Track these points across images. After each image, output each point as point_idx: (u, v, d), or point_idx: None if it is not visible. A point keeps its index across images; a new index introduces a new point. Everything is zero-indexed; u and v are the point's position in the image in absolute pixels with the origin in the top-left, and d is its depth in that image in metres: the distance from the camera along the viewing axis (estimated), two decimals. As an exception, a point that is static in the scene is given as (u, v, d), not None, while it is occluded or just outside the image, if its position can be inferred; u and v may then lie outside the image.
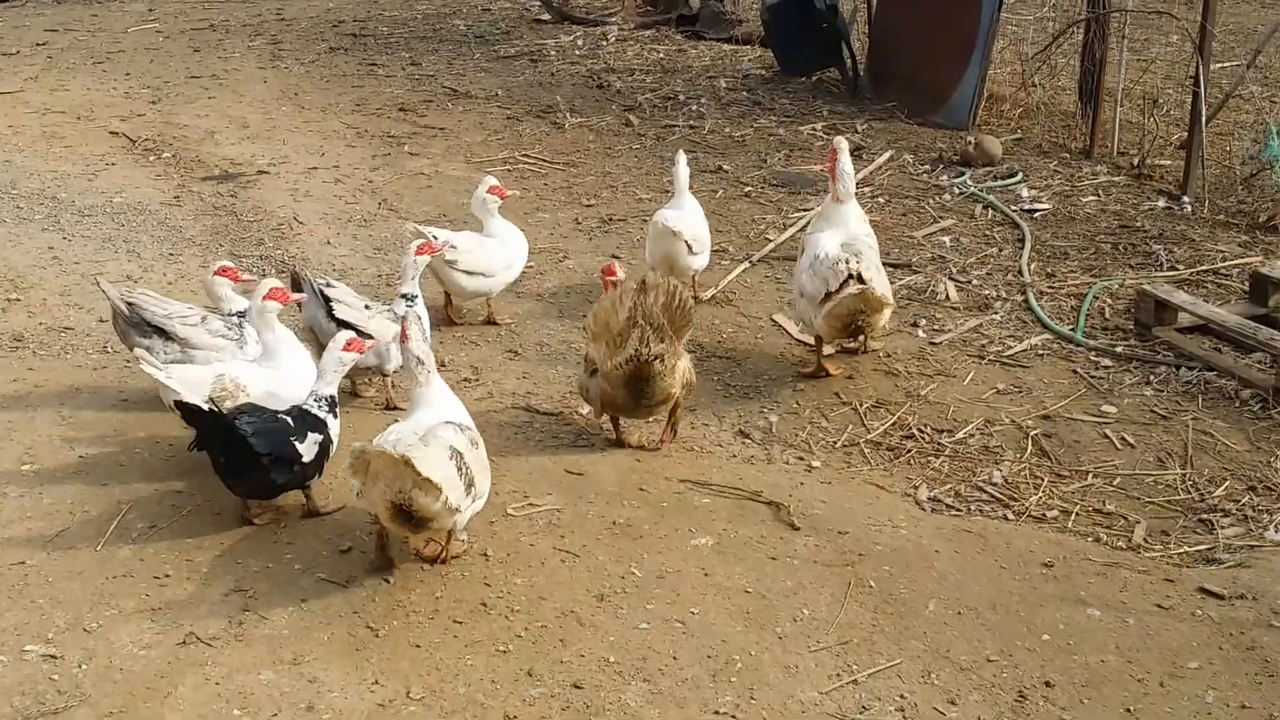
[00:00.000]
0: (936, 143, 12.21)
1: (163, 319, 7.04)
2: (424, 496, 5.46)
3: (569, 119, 13.15)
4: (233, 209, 10.94)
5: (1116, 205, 10.45)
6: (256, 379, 6.53)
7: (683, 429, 7.34)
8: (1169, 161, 11.28)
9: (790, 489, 6.61)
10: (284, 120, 13.41)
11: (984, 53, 12.35)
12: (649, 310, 6.56)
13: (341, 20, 18.25)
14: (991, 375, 7.81)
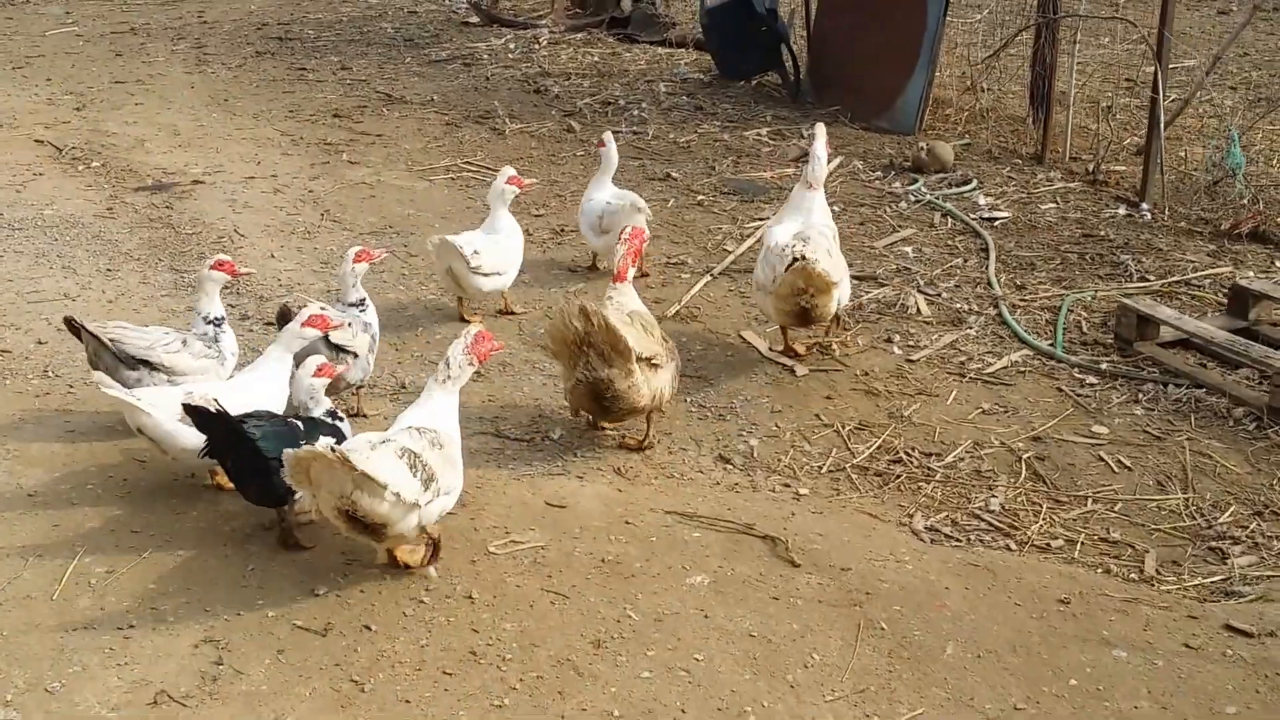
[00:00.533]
0: (885, 148, 11.90)
1: (145, 351, 6.63)
2: (368, 498, 5.24)
3: (509, 125, 12.70)
4: (169, 221, 10.37)
5: (1076, 213, 10.19)
6: (224, 394, 6.04)
7: (660, 454, 6.96)
8: (1124, 167, 11.06)
9: (782, 520, 6.24)
10: (216, 127, 12.82)
11: (930, 57, 12.06)
12: (595, 336, 6.45)
13: (265, 23, 17.62)
14: (975, 394, 7.49)
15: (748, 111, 13.15)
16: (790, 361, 7.86)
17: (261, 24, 17.57)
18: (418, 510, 5.42)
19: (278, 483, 5.57)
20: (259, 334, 8.38)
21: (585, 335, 6.44)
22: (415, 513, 5.42)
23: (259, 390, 6.27)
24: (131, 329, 6.79)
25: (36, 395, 7.48)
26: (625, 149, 11.96)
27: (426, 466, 5.44)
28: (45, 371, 7.79)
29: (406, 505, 5.34)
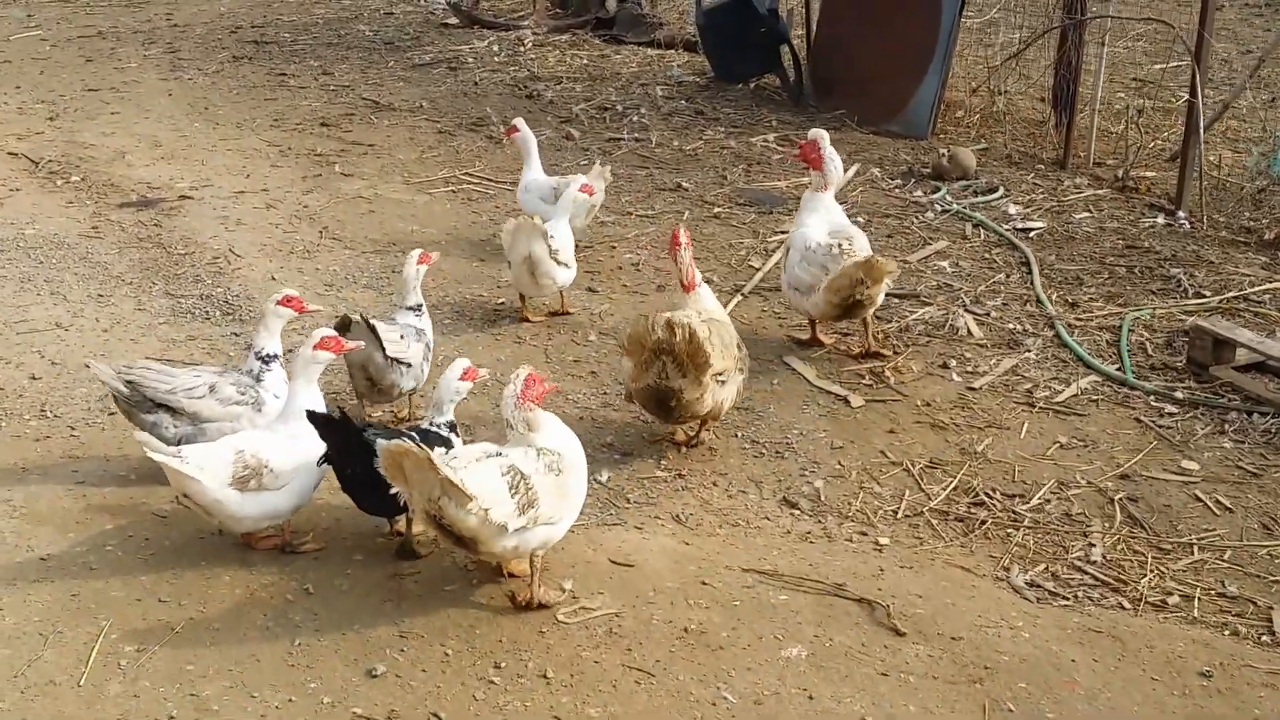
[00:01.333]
0: (900, 154, 11.31)
1: (167, 395, 6.00)
2: (454, 507, 4.92)
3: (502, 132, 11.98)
4: (159, 240, 9.63)
5: (1114, 222, 9.63)
6: (279, 450, 5.53)
7: (719, 498, 6.34)
8: (1153, 173, 10.51)
9: (872, 578, 5.62)
10: (199, 138, 12.04)
11: (945, 58, 11.48)
12: (676, 347, 6.23)
13: (238, 26, 16.79)
14: (1048, 426, 6.90)
15: (751, 116, 12.51)
16: (843, 390, 7.26)
17: (234, 27, 16.73)
18: (508, 533, 5.03)
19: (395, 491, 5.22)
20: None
21: (667, 345, 6.24)
22: (507, 535, 5.04)
23: (305, 443, 5.59)
24: (155, 369, 6.15)
25: (36, 439, 6.77)
26: (630, 158, 11.37)
27: (530, 490, 5.07)
28: (43, 411, 7.08)
29: (495, 525, 4.98)
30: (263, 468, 5.44)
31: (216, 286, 8.81)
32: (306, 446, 5.55)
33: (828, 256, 7.23)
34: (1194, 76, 9.53)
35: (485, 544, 5.08)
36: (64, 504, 6.13)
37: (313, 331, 5.89)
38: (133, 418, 6.06)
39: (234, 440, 5.56)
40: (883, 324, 8.05)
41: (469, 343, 7.96)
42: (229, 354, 7.84)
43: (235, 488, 5.37)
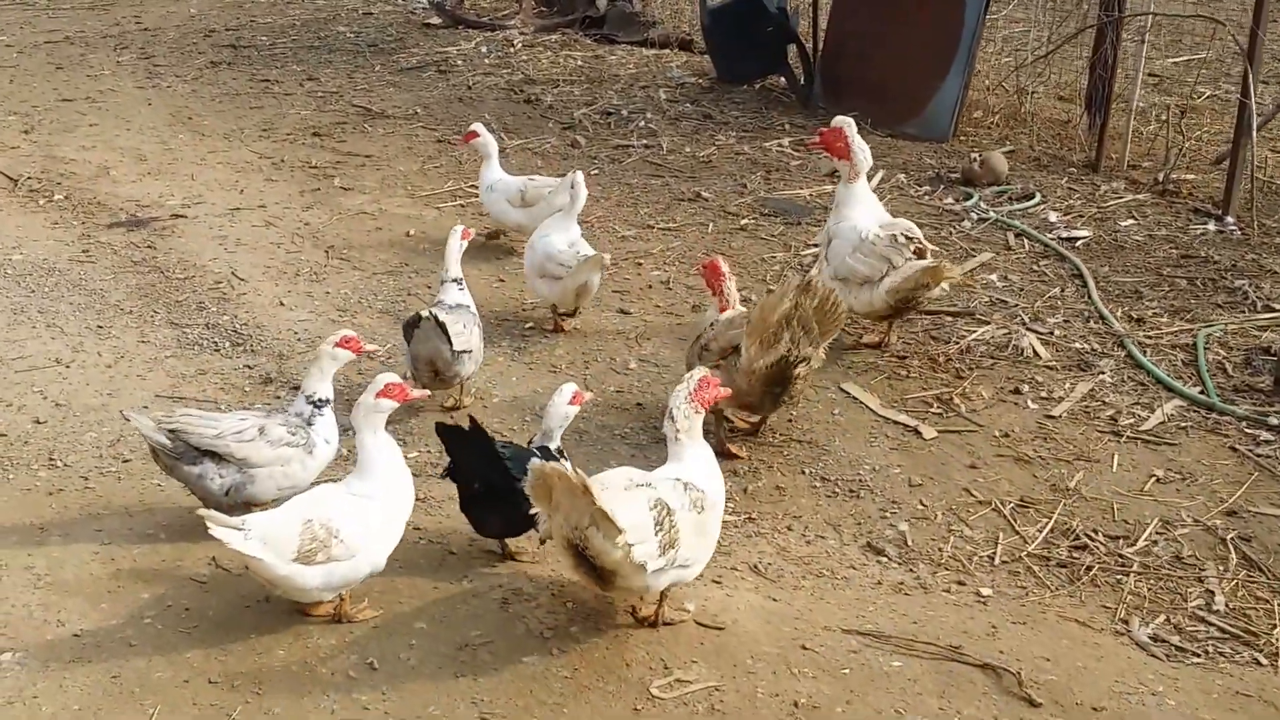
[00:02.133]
0: (923, 158, 10.88)
1: (214, 441, 5.56)
2: (600, 538, 4.65)
3: (507, 141, 11.48)
4: (155, 263, 9.06)
5: (1162, 230, 9.23)
6: (350, 517, 5.04)
7: (797, 544, 5.89)
8: (1193, 176, 10.12)
9: (984, 636, 5.18)
10: (185, 151, 11.45)
11: (968, 58, 11.05)
12: (805, 312, 6.17)
13: (212, 29, 16.15)
14: (1140, 458, 6.48)
15: (762, 120, 12.05)
16: (911, 420, 6.82)
17: (208, 30, 16.10)
18: (650, 575, 4.80)
19: (524, 511, 5.21)
20: (286, 401, 7.14)
21: (802, 310, 6.19)
22: (645, 575, 4.79)
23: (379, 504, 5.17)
24: (197, 415, 5.71)
25: (49, 493, 6.23)
26: (641, 166, 10.89)
27: (673, 529, 4.80)
28: (51, 459, 6.54)
29: (637, 565, 4.72)
30: (332, 539, 4.95)
31: (222, 314, 8.27)
32: (382, 508, 5.14)
33: (890, 248, 7.04)
34: (1246, 75, 9.14)
35: (623, 580, 4.81)
36: (91, 570, 5.60)
37: (375, 377, 5.39)
38: (175, 471, 5.64)
39: (302, 507, 5.06)
40: (941, 345, 7.62)
41: (502, 372, 7.48)
42: (244, 389, 7.33)
43: (302, 562, 4.90)
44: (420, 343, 6.74)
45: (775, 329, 6.21)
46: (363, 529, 5.04)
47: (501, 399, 7.20)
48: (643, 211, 9.88)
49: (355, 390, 6.43)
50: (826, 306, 6.25)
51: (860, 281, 7.16)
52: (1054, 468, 6.41)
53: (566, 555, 4.86)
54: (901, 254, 7.00)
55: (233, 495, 5.58)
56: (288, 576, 4.92)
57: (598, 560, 4.72)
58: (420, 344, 6.74)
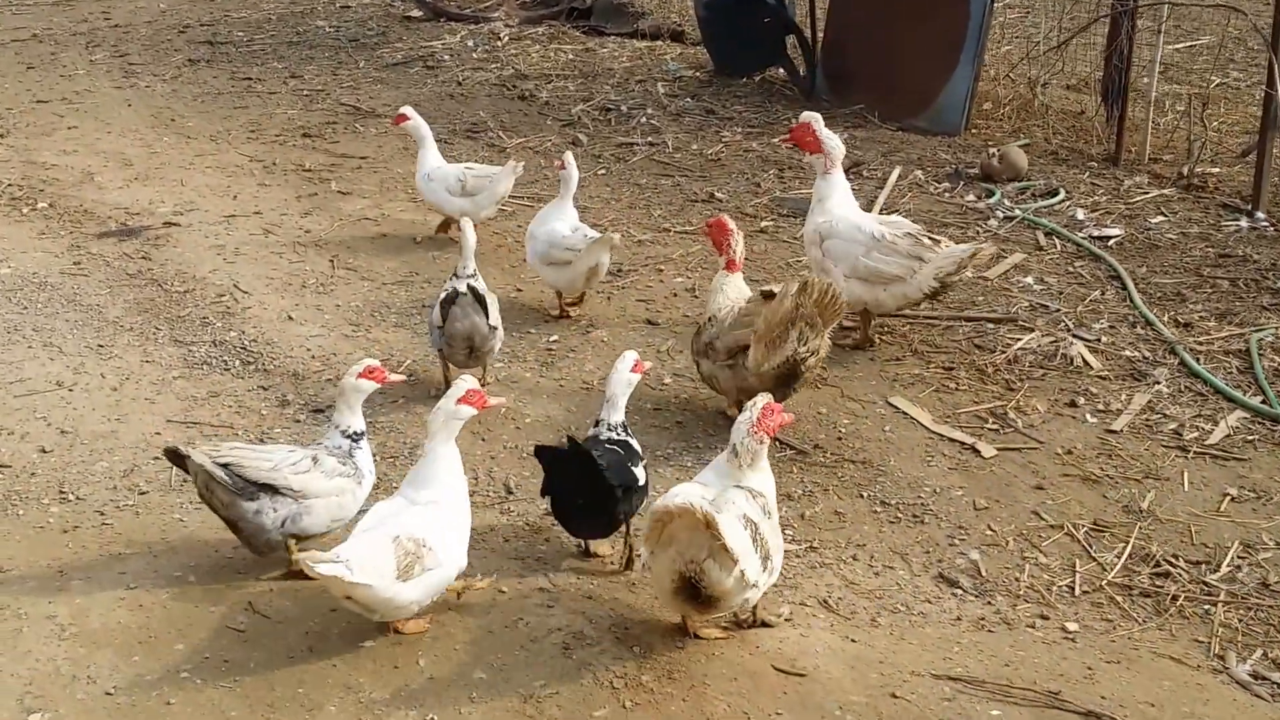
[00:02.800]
0: (937, 153, 10.57)
1: (270, 474, 5.31)
2: (717, 569, 4.61)
3: (506, 140, 11.11)
4: (152, 275, 8.65)
5: (1194, 228, 8.95)
6: (429, 525, 4.95)
7: (864, 574, 5.57)
8: (1218, 170, 9.86)
9: (1082, 680, 4.88)
10: (171, 154, 11.03)
11: (977, 49, 10.75)
12: (806, 309, 6.26)
13: (186, 25, 15.69)
14: (1210, 475, 6.20)
15: (766, 115, 11.71)
16: (967, 437, 6.52)
17: (181, 26, 15.64)
18: (752, 591, 4.79)
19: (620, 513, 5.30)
20: (308, 425, 6.79)
21: (804, 307, 6.26)
22: (747, 591, 4.76)
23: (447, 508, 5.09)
24: (248, 449, 5.45)
25: (64, 530, 5.85)
26: (649, 165, 10.56)
27: (764, 542, 4.77)
28: (62, 492, 6.16)
29: (746, 586, 4.71)
30: (422, 549, 4.84)
31: (228, 330, 7.88)
32: (451, 511, 5.07)
33: (916, 246, 6.99)
34: (1271, 67, 8.88)
35: (725, 602, 4.76)
36: (119, 618, 5.22)
37: (456, 382, 5.22)
38: (231, 507, 5.32)
39: (383, 527, 4.90)
40: (986, 354, 7.33)
41: (531, 390, 7.13)
42: (260, 412, 6.95)
43: (402, 579, 4.76)
44: (458, 319, 6.73)
45: (780, 330, 6.26)
46: (442, 533, 4.94)
47: (534, 418, 6.84)
48: (656, 214, 9.54)
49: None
50: (826, 300, 6.32)
51: (889, 280, 7.07)
52: (1123, 487, 6.12)
53: (672, 585, 4.73)
54: (930, 249, 6.98)
55: (286, 527, 5.33)
56: (391, 598, 4.78)
57: (710, 590, 4.66)
58: (459, 320, 6.73)
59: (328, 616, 5.22)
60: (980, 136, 10.92)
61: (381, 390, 5.83)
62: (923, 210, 9.41)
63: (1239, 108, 11.25)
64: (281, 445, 5.70)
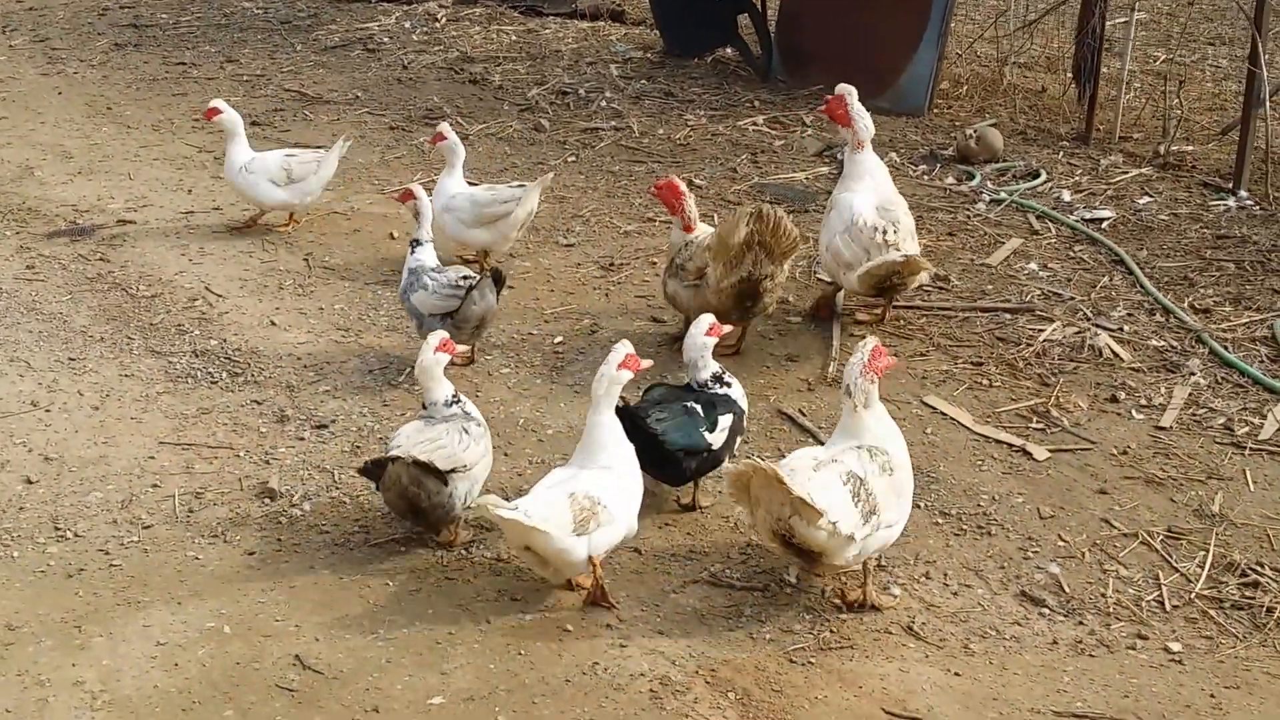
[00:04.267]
0: (906, 134, 10.12)
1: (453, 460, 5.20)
2: (804, 524, 4.66)
3: (466, 126, 10.42)
4: (114, 279, 7.90)
5: (1184, 209, 8.60)
6: (604, 486, 4.97)
7: (939, 593, 5.11)
8: (1193, 148, 9.52)
9: (1210, 711, 4.46)
10: (113, 145, 10.19)
11: (941, 28, 10.30)
12: (763, 236, 6.45)
13: (105, 7, 14.69)
14: (1271, 473, 5.81)
15: (727, 96, 11.15)
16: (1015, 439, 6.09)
17: (101, 8, 14.63)
18: (855, 543, 4.75)
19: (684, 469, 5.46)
20: (311, 442, 6.15)
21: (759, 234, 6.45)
22: (854, 545, 4.76)
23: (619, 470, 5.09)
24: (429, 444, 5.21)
25: (68, 574, 5.19)
26: (616, 149, 9.99)
27: (870, 496, 4.78)
28: (58, 529, 5.48)
29: (844, 537, 4.69)
30: (597, 507, 4.85)
31: (209, 338, 7.18)
32: (622, 473, 5.06)
33: (872, 243, 6.80)
34: (1254, 43, 8.54)
35: (831, 557, 4.78)
36: (154, 680, 4.58)
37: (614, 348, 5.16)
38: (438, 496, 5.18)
39: (561, 486, 4.93)
40: (1011, 346, 6.90)
41: (546, 399, 6.54)
42: (259, 430, 6.29)
43: (577, 533, 4.78)
44: (476, 301, 6.54)
45: (737, 252, 6.46)
46: (616, 494, 4.96)
47: (555, 429, 6.26)
48: (636, 203, 8.95)
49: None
50: (780, 231, 6.46)
51: (845, 264, 6.90)
52: (1189, 489, 5.71)
53: (774, 544, 4.86)
54: (882, 251, 6.77)
55: (467, 500, 5.28)
56: (566, 549, 4.77)
57: (805, 544, 4.71)
58: (476, 303, 6.54)
59: (384, 670, 4.63)
60: (945, 117, 10.49)
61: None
62: (908, 194, 8.84)
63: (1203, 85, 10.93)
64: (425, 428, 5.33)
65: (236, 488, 5.82)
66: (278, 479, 5.83)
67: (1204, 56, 11.57)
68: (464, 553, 5.33)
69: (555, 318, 7.37)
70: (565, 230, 8.56)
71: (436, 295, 6.58)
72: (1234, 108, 10.25)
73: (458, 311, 6.53)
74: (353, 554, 5.36)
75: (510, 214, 7.56)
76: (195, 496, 5.75)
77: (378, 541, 5.43)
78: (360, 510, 5.64)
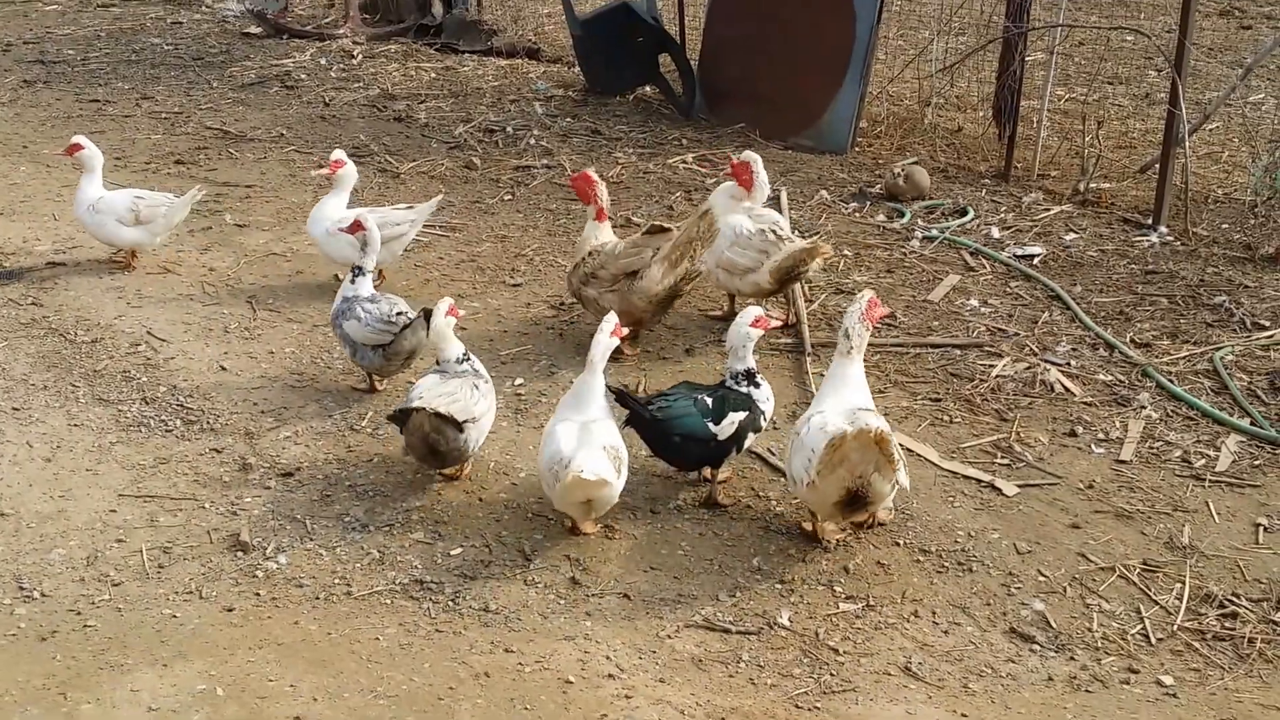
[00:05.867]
0: (834, 172, 10.13)
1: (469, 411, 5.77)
2: (880, 479, 5.17)
3: (396, 165, 10.22)
4: (51, 325, 7.59)
5: (1109, 244, 8.69)
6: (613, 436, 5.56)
7: (929, 630, 5.06)
8: (1109, 185, 9.68)
9: (1214, 745, 4.46)
10: (34, 186, 9.83)
11: (862, 69, 10.35)
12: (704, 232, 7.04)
13: (8, 44, 14.20)
14: (1233, 504, 5.87)
15: (654, 135, 11.08)
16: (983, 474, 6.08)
17: (4, 45, 14.13)
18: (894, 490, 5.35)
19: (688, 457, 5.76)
20: (278, 491, 5.93)
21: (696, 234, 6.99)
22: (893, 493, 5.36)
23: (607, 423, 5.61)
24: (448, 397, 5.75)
25: (41, 638, 4.94)
26: (551, 188, 9.87)
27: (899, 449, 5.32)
28: (22, 589, 5.28)
29: (895, 489, 5.30)
30: (621, 452, 5.49)
31: (157, 385, 6.91)
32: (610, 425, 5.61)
33: (766, 242, 7.20)
34: (1174, 87, 8.69)
35: (876, 504, 5.33)
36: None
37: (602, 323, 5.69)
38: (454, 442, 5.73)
39: (591, 438, 5.44)
40: (965, 382, 6.91)
41: (516, 444, 6.37)
42: (222, 479, 6.05)
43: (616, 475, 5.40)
44: (408, 338, 6.63)
45: (679, 254, 6.91)
46: (620, 440, 5.55)
47: (528, 473, 6.09)
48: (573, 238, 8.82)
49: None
50: (713, 232, 7.10)
51: (743, 271, 7.27)
52: (1157, 522, 5.74)
53: (838, 498, 5.20)
54: (776, 246, 7.18)
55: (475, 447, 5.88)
56: (615, 492, 5.40)
57: (870, 497, 5.19)
58: (408, 339, 6.64)
59: (390, 729, 4.45)
60: (868, 154, 10.54)
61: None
62: (842, 232, 8.95)
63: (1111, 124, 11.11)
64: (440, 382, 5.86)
65: (206, 540, 5.58)
66: (248, 530, 5.61)
67: (1105, 95, 11.76)
68: (450, 604, 5.17)
69: (511, 359, 7.21)
70: (511, 270, 8.41)
71: (370, 329, 6.64)
72: (1142, 146, 10.47)
73: (390, 345, 6.63)
74: (336, 607, 5.16)
75: (403, 235, 7.94)
76: (163, 551, 5.50)
77: (360, 594, 5.24)
78: (337, 561, 5.45)
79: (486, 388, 5.98)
